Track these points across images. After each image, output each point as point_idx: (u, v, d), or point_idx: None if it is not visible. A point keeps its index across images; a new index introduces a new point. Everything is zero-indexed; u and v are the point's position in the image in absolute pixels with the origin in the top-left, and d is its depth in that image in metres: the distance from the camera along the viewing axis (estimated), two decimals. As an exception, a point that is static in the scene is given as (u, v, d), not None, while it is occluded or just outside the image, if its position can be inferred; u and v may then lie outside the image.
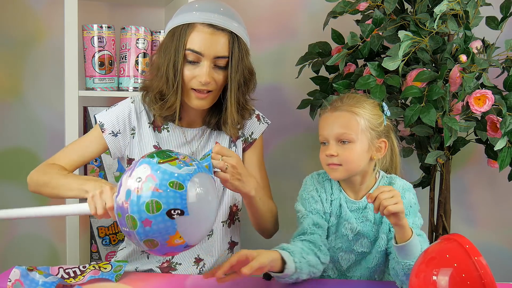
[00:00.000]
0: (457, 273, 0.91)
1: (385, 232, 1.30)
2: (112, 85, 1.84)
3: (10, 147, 2.02)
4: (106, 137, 1.42)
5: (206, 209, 1.09)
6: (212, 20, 1.30)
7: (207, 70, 1.30)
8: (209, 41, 1.29)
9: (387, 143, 1.32)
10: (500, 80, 1.68)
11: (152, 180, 1.02)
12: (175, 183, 1.02)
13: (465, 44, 1.56)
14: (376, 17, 1.65)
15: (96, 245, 1.89)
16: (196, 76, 1.32)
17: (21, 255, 2.06)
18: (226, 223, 1.47)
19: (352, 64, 1.78)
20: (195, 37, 1.30)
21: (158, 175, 1.02)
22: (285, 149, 2.19)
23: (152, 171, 1.03)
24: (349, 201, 1.33)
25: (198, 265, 1.45)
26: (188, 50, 1.31)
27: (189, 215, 1.02)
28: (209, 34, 1.30)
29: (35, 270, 1.17)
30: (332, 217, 1.34)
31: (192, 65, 1.32)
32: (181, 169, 1.04)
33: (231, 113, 1.37)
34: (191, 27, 1.31)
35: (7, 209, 1.18)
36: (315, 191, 1.35)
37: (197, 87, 1.33)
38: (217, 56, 1.31)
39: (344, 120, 1.27)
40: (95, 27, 1.79)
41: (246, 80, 1.39)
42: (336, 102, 1.31)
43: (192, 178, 1.05)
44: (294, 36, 2.15)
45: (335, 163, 1.27)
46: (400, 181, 1.34)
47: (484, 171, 2.17)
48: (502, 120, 1.51)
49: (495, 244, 2.26)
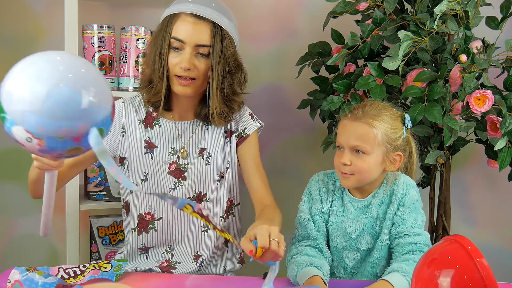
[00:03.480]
0: (459, 275, 0.91)
1: (388, 227, 1.31)
2: (112, 85, 1.84)
3: (10, 147, 2.01)
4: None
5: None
6: (195, 10, 1.35)
7: (187, 56, 1.35)
8: (191, 29, 1.35)
9: (402, 157, 1.32)
10: (500, 80, 1.68)
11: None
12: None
13: (465, 44, 1.56)
14: (376, 17, 1.65)
15: (96, 245, 1.89)
16: (178, 63, 1.36)
17: (21, 255, 2.06)
18: (222, 217, 1.49)
19: (352, 64, 1.78)
20: (179, 25, 1.36)
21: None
22: (285, 149, 2.19)
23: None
24: (353, 200, 1.34)
25: (197, 261, 1.47)
26: (173, 38, 1.36)
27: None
28: (191, 23, 1.35)
29: (34, 271, 1.17)
30: (331, 216, 1.34)
31: (176, 52, 1.37)
32: None
33: (213, 101, 1.40)
34: (176, 17, 1.37)
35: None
36: (316, 191, 1.36)
37: (180, 74, 1.37)
38: (198, 44, 1.35)
39: (361, 132, 1.27)
40: (95, 27, 1.79)
41: (232, 72, 1.42)
42: (357, 111, 1.30)
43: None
44: (294, 36, 2.15)
45: (347, 172, 1.28)
46: (403, 177, 1.34)
47: (484, 171, 2.17)
48: (502, 120, 1.51)
49: (495, 244, 2.26)
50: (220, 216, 1.48)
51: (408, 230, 1.27)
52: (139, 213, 1.46)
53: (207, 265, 1.47)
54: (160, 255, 1.47)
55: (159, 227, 1.46)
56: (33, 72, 0.88)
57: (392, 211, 1.30)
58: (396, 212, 1.30)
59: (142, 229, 1.46)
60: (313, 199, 1.35)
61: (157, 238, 1.46)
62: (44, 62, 0.90)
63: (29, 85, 0.87)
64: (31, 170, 1.32)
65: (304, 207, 1.36)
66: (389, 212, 1.30)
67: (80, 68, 0.91)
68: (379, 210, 1.32)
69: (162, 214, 1.45)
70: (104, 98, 0.93)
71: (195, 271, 1.46)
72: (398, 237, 1.28)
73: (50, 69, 0.88)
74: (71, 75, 0.89)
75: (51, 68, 0.88)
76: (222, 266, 1.51)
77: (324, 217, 1.35)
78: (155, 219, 1.45)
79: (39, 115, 0.86)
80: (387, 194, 1.32)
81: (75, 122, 0.89)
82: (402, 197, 1.30)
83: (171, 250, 1.47)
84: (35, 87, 0.86)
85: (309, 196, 1.37)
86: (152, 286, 1.23)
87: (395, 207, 1.30)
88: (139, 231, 1.46)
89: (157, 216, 1.45)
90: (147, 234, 1.46)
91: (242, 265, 1.58)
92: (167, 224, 1.46)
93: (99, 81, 0.93)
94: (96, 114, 0.91)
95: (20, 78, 0.89)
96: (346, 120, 1.31)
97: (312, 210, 1.35)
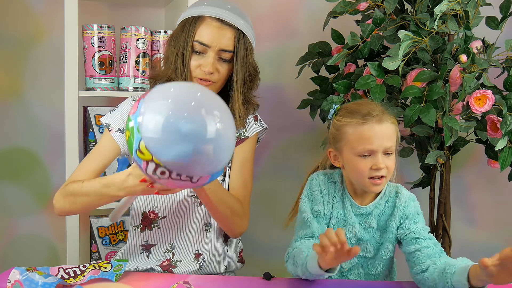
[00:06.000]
0: None
1: (390, 241, 1.30)
2: (112, 85, 1.84)
3: (10, 147, 2.02)
4: (114, 134, 1.44)
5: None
6: (221, 15, 1.36)
7: (211, 60, 1.37)
8: (216, 34, 1.36)
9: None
10: (500, 80, 1.68)
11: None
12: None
13: (465, 44, 1.56)
14: (376, 17, 1.65)
15: (96, 245, 1.89)
16: (201, 66, 1.38)
17: (21, 255, 2.06)
18: None
19: (352, 64, 1.78)
20: (204, 29, 1.37)
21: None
22: (285, 149, 2.19)
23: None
24: (354, 205, 1.32)
25: (198, 260, 1.47)
26: (196, 41, 1.37)
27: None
28: (216, 28, 1.36)
29: (34, 271, 1.16)
30: (332, 219, 1.33)
31: (198, 55, 1.38)
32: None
33: (237, 106, 1.42)
34: (200, 20, 1.37)
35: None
36: (318, 192, 1.34)
37: (201, 76, 1.38)
38: (222, 49, 1.37)
39: (390, 132, 1.25)
40: (95, 27, 1.79)
41: (252, 76, 1.45)
42: (377, 113, 1.25)
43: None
44: (294, 36, 2.15)
45: (382, 175, 1.24)
46: (405, 191, 1.34)
47: (484, 171, 2.17)
48: (502, 120, 1.51)
49: (495, 244, 2.26)
50: None
51: (421, 234, 1.26)
52: (143, 211, 1.47)
53: (207, 264, 1.48)
54: (161, 254, 1.47)
55: (162, 225, 1.46)
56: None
57: (395, 224, 1.29)
58: (400, 226, 1.29)
59: (146, 226, 1.47)
60: (314, 200, 1.33)
61: (160, 236, 1.47)
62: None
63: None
64: (94, 195, 1.29)
65: (306, 207, 1.33)
66: (391, 225, 1.29)
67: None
68: (378, 221, 1.31)
69: (166, 213, 1.46)
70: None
71: (196, 270, 1.46)
72: (413, 242, 1.25)
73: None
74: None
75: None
76: (223, 265, 1.51)
77: (325, 219, 1.33)
78: (159, 217, 1.46)
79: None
80: (389, 206, 1.31)
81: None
82: (405, 209, 1.29)
83: (172, 249, 1.47)
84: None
85: (310, 197, 1.35)
86: (153, 286, 1.23)
87: (398, 221, 1.29)
88: (142, 228, 1.47)
89: (161, 215, 1.46)
90: (150, 232, 1.47)
91: (242, 265, 1.58)
92: (170, 222, 1.46)
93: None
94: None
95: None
96: (373, 124, 1.24)
97: (314, 211, 1.32)
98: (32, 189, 2.04)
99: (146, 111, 0.95)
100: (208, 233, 1.48)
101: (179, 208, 1.45)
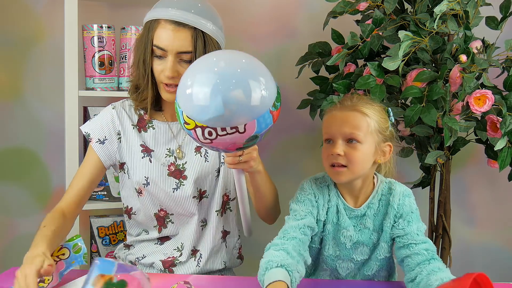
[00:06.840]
0: None
1: (386, 241, 1.29)
2: (112, 85, 1.84)
3: (10, 147, 2.02)
4: (94, 146, 1.44)
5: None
6: (174, 16, 1.33)
7: (170, 64, 1.34)
8: (172, 37, 1.33)
9: (392, 147, 1.28)
10: (500, 80, 1.68)
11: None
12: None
13: (465, 44, 1.56)
14: (376, 17, 1.65)
15: (96, 245, 1.89)
16: (163, 70, 1.36)
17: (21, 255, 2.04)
18: (219, 212, 1.49)
19: (352, 64, 1.78)
20: (160, 33, 1.34)
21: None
22: (285, 149, 2.19)
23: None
24: (347, 208, 1.29)
25: (195, 256, 1.47)
26: (155, 46, 1.35)
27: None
28: (171, 30, 1.33)
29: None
30: (327, 224, 1.29)
31: (160, 59, 1.36)
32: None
33: None
34: (156, 23, 1.35)
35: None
36: (312, 195, 1.29)
37: (166, 81, 1.37)
38: (180, 51, 1.34)
39: (354, 120, 1.23)
40: (95, 27, 1.79)
41: None
42: (346, 101, 1.28)
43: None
44: (294, 36, 2.15)
45: (340, 163, 1.22)
46: (399, 186, 1.30)
47: (484, 171, 2.17)
48: (502, 120, 1.51)
49: (495, 244, 2.26)
50: (216, 210, 1.49)
51: (414, 239, 1.23)
52: (154, 213, 1.48)
53: (206, 261, 1.48)
54: (171, 250, 1.48)
55: (175, 220, 1.49)
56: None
57: (389, 223, 1.27)
58: (394, 225, 1.26)
59: (161, 226, 1.48)
60: (310, 203, 1.28)
61: (174, 230, 1.50)
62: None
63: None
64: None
65: (298, 207, 1.27)
66: (386, 225, 1.27)
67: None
68: (374, 221, 1.28)
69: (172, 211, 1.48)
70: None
71: (194, 267, 1.47)
72: (405, 247, 1.23)
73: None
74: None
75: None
76: (222, 261, 1.51)
77: (319, 225, 1.28)
78: (168, 214, 1.48)
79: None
80: (383, 205, 1.28)
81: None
82: (399, 208, 1.26)
83: (182, 249, 1.48)
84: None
85: (305, 199, 1.28)
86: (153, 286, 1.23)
87: (392, 219, 1.27)
88: (159, 229, 1.49)
89: (169, 212, 1.48)
90: (166, 229, 1.49)
91: (242, 261, 1.59)
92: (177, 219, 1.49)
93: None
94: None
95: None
96: (336, 111, 1.26)
97: (309, 213, 1.26)
98: (32, 189, 2.04)
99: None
100: (204, 228, 1.49)
101: (178, 202, 1.46)
